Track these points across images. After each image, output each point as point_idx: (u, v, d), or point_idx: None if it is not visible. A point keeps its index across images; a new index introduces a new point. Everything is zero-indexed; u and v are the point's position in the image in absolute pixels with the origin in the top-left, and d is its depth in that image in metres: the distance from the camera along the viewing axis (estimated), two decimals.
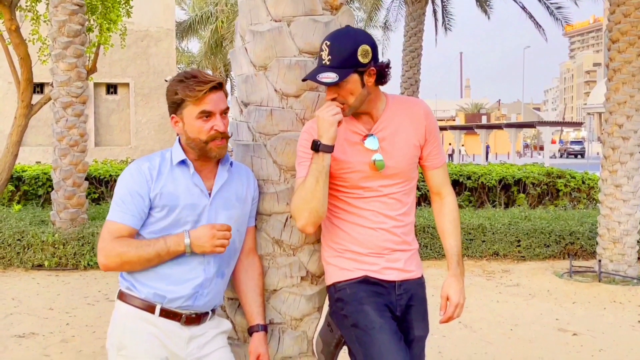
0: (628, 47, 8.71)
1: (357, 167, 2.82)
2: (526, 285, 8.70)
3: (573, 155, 66.05)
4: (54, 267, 9.30)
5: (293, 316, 3.06)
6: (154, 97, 24.96)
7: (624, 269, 8.79)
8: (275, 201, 3.01)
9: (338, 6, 3.12)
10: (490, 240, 10.16)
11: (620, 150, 8.79)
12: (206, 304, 2.77)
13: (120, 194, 2.70)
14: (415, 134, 2.90)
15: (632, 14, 8.70)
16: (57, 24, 9.71)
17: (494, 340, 6.44)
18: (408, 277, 2.95)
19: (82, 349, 6.06)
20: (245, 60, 3.13)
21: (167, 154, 2.80)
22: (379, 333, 2.77)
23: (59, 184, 9.82)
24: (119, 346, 2.74)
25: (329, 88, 2.72)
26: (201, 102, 2.68)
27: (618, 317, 7.30)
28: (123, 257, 2.62)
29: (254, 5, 3.09)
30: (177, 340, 2.74)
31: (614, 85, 8.83)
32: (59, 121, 9.82)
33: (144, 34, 23.79)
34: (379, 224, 2.87)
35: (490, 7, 21.12)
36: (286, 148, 3.00)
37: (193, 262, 2.73)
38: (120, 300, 2.78)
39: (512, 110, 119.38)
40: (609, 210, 8.90)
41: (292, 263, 3.04)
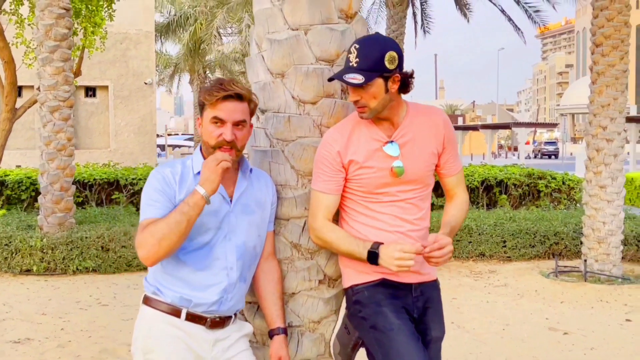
0: (611, 51, 8.87)
1: (377, 172, 2.89)
2: (514, 285, 8.83)
3: (547, 156, 66.68)
4: (43, 272, 9.25)
5: (311, 319, 3.11)
6: (133, 99, 24.85)
7: (609, 269, 8.95)
8: (293, 206, 3.07)
9: (353, 15, 3.19)
10: (476, 241, 10.28)
11: (604, 152, 8.95)
12: (230, 308, 2.83)
13: (148, 195, 2.74)
14: (434, 142, 2.97)
15: (615, 18, 8.86)
16: (43, 27, 9.67)
17: (488, 339, 6.54)
18: (424, 279, 3.03)
19: (79, 353, 6.06)
20: (262, 67, 3.19)
21: (188, 162, 2.85)
22: (397, 334, 2.83)
23: (46, 188, 9.77)
24: (145, 350, 2.78)
25: (353, 89, 2.79)
26: (215, 107, 2.75)
27: (606, 315, 7.45)
28: (155, 234, 2.60)
29: (271, 14, 3.15)
30: (202, 344, 2.78)
31: (597, 88, 8.99)
32: (46, 125, 9.78)
33: (123, 37, 23.68)
34: (396, 227, 2.94)
35: (469, 10, 21.34)
36: (304, 154, 3.06)
37: (216, 268, 2.78)
38: (146, 305, 2.82)
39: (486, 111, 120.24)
40: (594, 210, 9.06)
41: (310, 267, 3.09)
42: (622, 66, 8.88)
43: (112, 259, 9.42)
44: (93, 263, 9.32)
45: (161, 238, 2.60)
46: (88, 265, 9.30)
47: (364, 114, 2.82)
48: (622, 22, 8.87)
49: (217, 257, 2.78)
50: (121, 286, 8.73)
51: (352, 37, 3.15)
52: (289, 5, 3.10)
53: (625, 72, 8.92)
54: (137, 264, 9.54)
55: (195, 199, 2.63)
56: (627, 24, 8.95)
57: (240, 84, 2.83)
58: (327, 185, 2.89)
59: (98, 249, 9.40)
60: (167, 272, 2.77)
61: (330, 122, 3.08)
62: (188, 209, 2.62)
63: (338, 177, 2.89)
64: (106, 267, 9.38)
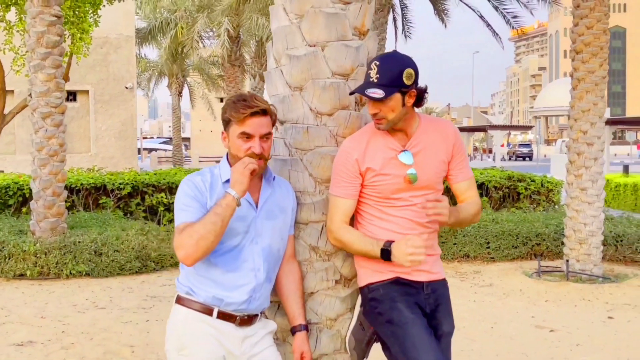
0: (591, 58, 9.19)
1: (392, 179, 3.11)
2: (499, 285, 9.11)
3: (521, 158, 67.40)
4: (36, 277, 9.37)
5: (328, 316, 3.32)
6: (114, 104, 24.89)
7: (590, 268, 9.26)
8: (312, 211, 3.28)
9: (365, 32, 3.41)
10: (461, 242, 10.57)
11: (585, 155, 9.27)
12: (257, 307, 3.03)
13: (181, 201, 2.94)
14: (445, 151, 3.20)
15: (594, 26, 9.18)
16: (35, 35, 9.79)
17: (477, 337, 6.79)
18: (434, 278, 3.26)
19: (84, 355, 6.22)
20: (281, 81, 3.40)
21: (216, 171, 3.05)
22: (412, 327, 3.06)
23: (38, 193, 9.88)
24: (180, 347, 2.97)
25: (373, 103, 3.02)
26: (243, 123, 2.94)
27: (589, 313, 7.74)
28: (193, 235, 2.79)
29: (289, 32, 3.36)
30: (232, 340, 2.98)
31: (578, 94, 9.31)
32: (38, 131, 9.90)
33: (103, 41, 23.72)
34: (409, 230, 3.16)
35: (447, 15, 21.66)
36: (321, 162, 3.27)
37: (245, 269, 2.98)
38: (179, 304, 3.01)
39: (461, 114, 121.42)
40: (575, 212, 9.36)
41: (328, 268, 3.31)
42: (601, 72, 9.21)
43: (105, 263, 9.56)
44: (86, 267, 9.46)
45: (199, 239, 2.79)
46: (81, 269, 9.43)
47: (381, 125, 3.05)
48: (601, 30, 9.19)
49: (246, 259, 2.99)
50: (116, 290, 8.87)
51: (365, 52, 3.38)
52: (307, 24, 3.31)
53: (604, 78, 9.25)
54: (129, 268, 9.70)
55: (227, 200, 2.84)
56: (606, 31, 9.28)
57: (260, 97, 3.04)
58: (346, 191, 3.11)
59: (91, 253, 9.54)
60: (199, 273, 2.97)
61: (345, 132, 3.30)
62: (221, 210, 2.82)
63: (355, 183, 3.11)
64: (99, 271, 9.52)
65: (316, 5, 3.29)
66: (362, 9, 3.37)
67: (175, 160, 38.76)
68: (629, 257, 10.41)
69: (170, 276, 9.70)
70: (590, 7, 9.18)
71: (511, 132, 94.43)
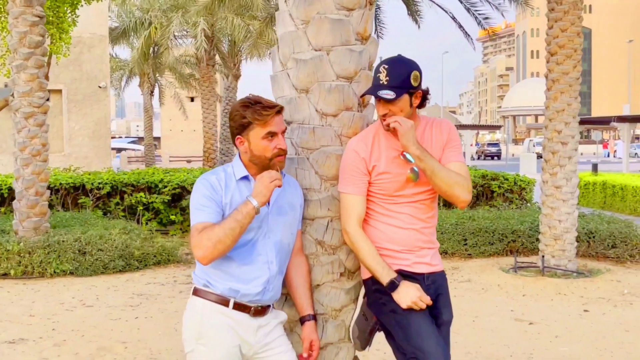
0: (565, 60, 9.49)
1: (395, 177, 3.29)
2: (477, 280, 9.36)
3: (490, 157, 68.05)
4: (20, 276, 9.41)
5: (333, 307, 3.50)
6: (87, 103, 24.77)
7: (565, 264, 9.55)
8: (318, 207, 3.45)
9: (367, 37, 3.60)
10: (439, 239, 10.51)
11: (559, 154, 9.56)
12: (271, 298, 3.20)
13: (198, 201, 3.09)
14: (440, 146, 3.39)
15: (568, 29, 9.47)
16: (18, 35, 9.83)
17: (460, 330, 7.00)
18: (434, 270, 3.45)
19: (77, 351, 6.32)
20: (288, 84, 3.57)
21: (229, 169, 3.21)
22: (415, 316, 3.25)
23: (21, 193, 9.92)
24: (198, 336, 3.13)
25: (383, 104, 3.21)
26: (267, 124, 3.10)
27: (565, 307, 8.02)
28: (212, 238, 2.96)
29: (296, 36, 3.53)
30: (248, 329, 3.15)
31: (553, 95, 9.59)
32: (21, 131, 9.94)
33: (76, 40, 23.53)
34: (411, 224, 3.35)
35: (420, 16, 21.93)
36: (327, 161, 3.45)
37: (259, 262, 3.15)
38: (196, 296, 3.17)
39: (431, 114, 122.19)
40: (550, 209, 9.65)
41: (333, 261, 3.48)
42: (575, 74, 9.50)
43: (89, 261, 9.63)
44: (70, 266, 9.52)
45: (217, 241, 2.96)
46: (65, 268, 9.49)
47: (387, 125, 3.23)
48: (575, 33, 9.49)
49: (260, 253, 3.15)
50: (101, 288, 8.95)
51: (367, 57, 3.56)
52: (312, 29, 3.48)
53: (578, 79, 9.55)
54: (113, 267, 9.78)
55: (248, 209, 3.00)
56: (580, 34, 9.57)
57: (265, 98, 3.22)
58: (357, 188, 3.29)
59: (75, 252, 9.61)
60: (215, 267, 3.11)
61: (349, 132, 3.48)
62: (241, 217, 2.99)
63: (364, 180, 3.29)
64: (83, 270, 9.59)
65: (322, 11, 3.47)
66: (365, 15, 3.55)
67: (147, 160, 38.60)
68: (601, 252, 10.74)
69: (153, 275, 9.81)
70: (565, 11, 9.47)
71: (479, 132, 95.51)
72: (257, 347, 3.18)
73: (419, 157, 3.18)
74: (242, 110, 3.13)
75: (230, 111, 3.22)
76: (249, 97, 3.21)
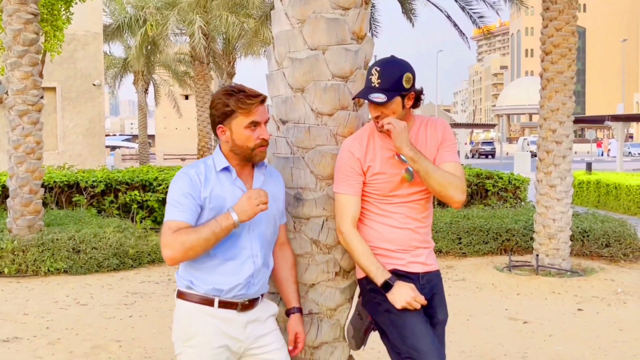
0: (560, 59, 9.50)
1: (390, 178, 3.29)
2: (471, 279, 9.38)
3: (484, 156, 68.03)
4: (14, 274, 9.40)
5: (328, 306, 3.50)
6: (81, 101, 24.71)
7: (559, 263, 9.57)
8: (313, 206, 3.45)
9: (363, 36, 3.59)
10: (433, 238, 10.70)
11: (554, 153, 9.57)
12: (257, 292, 3.16)
13: (174, 197, 3.03)
14: (435, 145, 3.38)
15: (563, 28, 9.49)
16: (12, 32, 9.79)
17: (454, 329, 7.00)
18: (429, 269, 3.46)
19: (72, 350, 6.31)
20: (283, 83, 3.56)
21: (209, 161, 3.15)
22: (410, 316, 3.25)
23: (15, 191, 9.90)
24: (185, 338, 3.11)
25: (375, 106, 3.20)
26: (251, 113, 3.07)
27: (559, 305, 8.03)
28: (185, 244, 2.92)
29: (291, 35, 3.52)
30: (235, 326, 3.12)
31: (547, 94, 9.61)
32: (15, 129, 9.91)
33: (70, 38, 23.48)
34: (406, 224, 3.35)
35: (415, 15, 21.94)
36: (322, 160, 3.44)
37: (243, 257, 3.10)
38: (180, 299, 3.14)
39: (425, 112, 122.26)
40: (545, 208, 9.67)
41: (328, 260, 3.48)
42: (569, 73, 9.52)
43: (83, 260, 9.61)
44: (65, 264, 9.51)
45: (189, 248, 2.94)
46: (60, 266, 9.47)
47: (381, 128, 3.23)
48: (570, 32, 9.50)
49: (243, 246, 3.11)
50: (95, 286, 8.94)
51: (363, 56, 3.56)
52: (308, 28, 3.48)
53: (572, 78, 9.57)
54: (107, 265, 9.76)
55: (228, 223, 2.97)
56: (574, 33, 9.59)
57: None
58: (352, 188, 3.28)
59: (69, 251, 9.59)
60: (198, 263, 3.06)
61: (344, 131, 3.48)
62: (219, 230, 2.96)
63: (359, 180, 3.29)
64: (77, 269, 9.57)
65: (317, 11, 3.46)
66: (360, 14, 3.55)
67: (141, 158, 38.52)
68: (595, 251, 10.76)
69: (148, 273, 9.79)
70: (560, 10, 9.48)
71: (474, 131, 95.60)
72: (248, 343, 3.15)
73: (412, 159, 3.17)
74: (225, 99, 3.07)
75: (212, 99, 3.15)
76: (232, 85, 3.18)
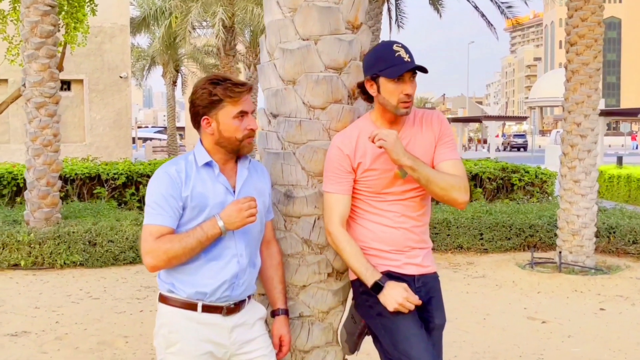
0: (585, 50, 9.20)
1: (382, 174, 3.11)
2: (492, 276, 9.15)
3: (516, 149, 67.34)
4: (30, 267, 9.38)
5: (320, 309, 3.34)
6: (108, 93, 24.81)
7: (583, 260, 9.30)
8: (304, 204, 3.29)
9: (359, 26, 3.42)
10: (454, 233, 10.60)
11: (578, 147, 9.29)
12: (242, 293, 2.99)
13: (154, 199, 2.87)
14: (431, 140, 3.19)
15: (589, 18, 9.18)
16: (29, 24, 9.76)
17: (469, 328, 6.83)
18: (425, 271, 3.27)
19: (78, 345, 6.24)
20: (274, 75, 3.40)
21: (190, 157, 2.98)
22: (403, 320, 3.08)
23: (32, 183, 9.89)
24: (167, 345, 2.94)
25: (411, 83, 3.03)
26: (239, 103, 2.90)
27: (581, 305, 7.79)
28: (169, 253, 2.79)
29: (283, 25, 3.36)
30: (220, 332, 2.95)
31: (572, 86, 9.32)
32: (32, 121, 9.89)
33: (98, 30, 23.60)
34: (401, 223, 3.18)
35: (442, 5, 21.68)
36: (314, 156, 3.28)
37: (227, 256, 2.93)
38: (162, 303, 2.97)
39: (456, 104, 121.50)
40: (568, 204, 9.39)
41: (320, 261, 3.32)
42: (595, 64, 9.22)
43: (99, 253, 9.57)
44: (80, 257, 9.47)
45: (173, 257, 2.81)
46: (75, 259, 9.44)
47: (409, 108, 3.06)
48: (596, 22, 9.20)
49: (227, 246, 2.93)
50: (110, 280, 8.89)
51: (359, 46, 3.38)
52: (300, 17, 3.31)
53: (598, 70, 9.27)
54: (123, 258, 9.71)
55: (214, 232, 2.83)
56: (600, 23, 9.28)
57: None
58: (340, 187, 3.11)
59: (85, 244, 9.55)
60: (180, 266, 2.90)
61: (338, 126, 3.30)
62: (205, 239, 2.82)
63: (349, 178, 3.12)
64: (93, 262, 9.53)
65: None
66: (356, 2, 3.37)
67: (170, 150, 38.69)
68: (621, 248, 10.45)
69: None
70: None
71: (506, 123, 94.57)
72: (234, 349, 2.99)
73: (412, 168, 3.00)
74: (212, 88, 2.89)
75: (194, 89, 2.97)
76: (216, 74, 3.02)
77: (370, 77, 3.09)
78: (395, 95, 3.02)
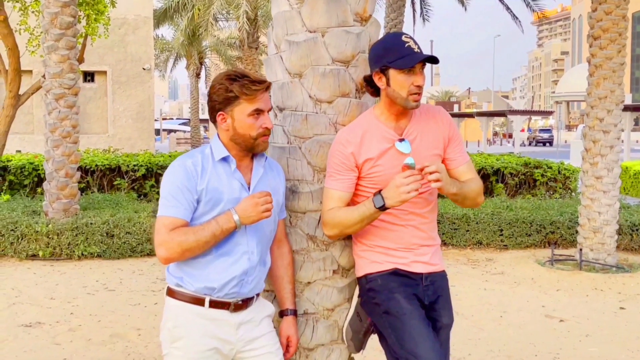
0: (609, 44, 9.04)
1: (389, 170, 3.04)
2: (510, 273, 9.03)
3: (542, 144, 66.75)
4: (48, 257, 9.43)
5: (325, 307, 3.28)
6: (131, 85, 24.92)
7: (604, 258, 9.15)
8: (310, 200, 3.23)
9: (367, 18, 3.34)
10: (474, 229, 10.48)
11: (600, 143, 9.14)
12: (251, 291, 2.95)
13: (169, 190, 2.84)
14: (440, 139, 3.13)
15: (613, 12, 9.02)
16: (49, 16, 9.78)
17: (486, 326, 6.74)
18: (433, 270, 3.19)
19: (90, 337, 6.24)
20: (280, 67, 3.34)
21: (207, 150, 2.94)
22: (410, 319, 3.01)
23: (51, 174, 9.93)
24: (172, 339, 2.91)
25: (422, 74, 2.98)
26: (255, 100, 2.85)
27: (600, 303, 7.65)
28: (183, 245, 2.76)
29: (289, 17, 3.30)
30: (227, 328, 2.92)
31: (595, 81, 9.16)
32: (52, 112, 9.93)
33: (121, 22, 23.71)
34: (408, 221, 3.11)
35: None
36: (320, 150, 3.22)
37: (238, 253, 2.90)
38: (170, 297, 2.94)
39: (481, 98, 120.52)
40: (590, 201, 9.25)
41: (325, 257, 3.26)
42: (619, 59, 9.05)
43: (116, 244, 9.59)
44: (98, 249, 9.50)
45: (187, 249, 2.78)
46: (93, 250, 9.47)
47: (419, 100, 3.00)
48: (620, 16, 9.03)
49: (238, 242, 2.90)
50: (126, 272, 8.90)
51: (367, 39, 3.31)
52: (307, 9, 3.25)
53: (622, 64, 9.10)
54: (141, 250, 9.73)
55: (229, 226, 2.80)
56: (625, 17, 9.11)
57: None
58: (341, 184, 3.05)
59: (103, 235, 9.57)
60: (190, 260, 2.87)
61: (345, 120, 3.24)
62: (219, 233, 2.79)
63: (351, 175, 3.05)
64: (111, 253, 9.56)
65: None
66: None
67: (193, 142, 38.82)
68: None
69: None
70: None
71: (532, 117, 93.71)
72: (240, 345, 2.95)
73: (456, 194, 3.04)
74: (228, 84, 2.86)
75: (212, 84, 2.94)
76: (235, 69, 2.97)
77: (379, 69, 3.02)
78: (406, 87, 2.96)
